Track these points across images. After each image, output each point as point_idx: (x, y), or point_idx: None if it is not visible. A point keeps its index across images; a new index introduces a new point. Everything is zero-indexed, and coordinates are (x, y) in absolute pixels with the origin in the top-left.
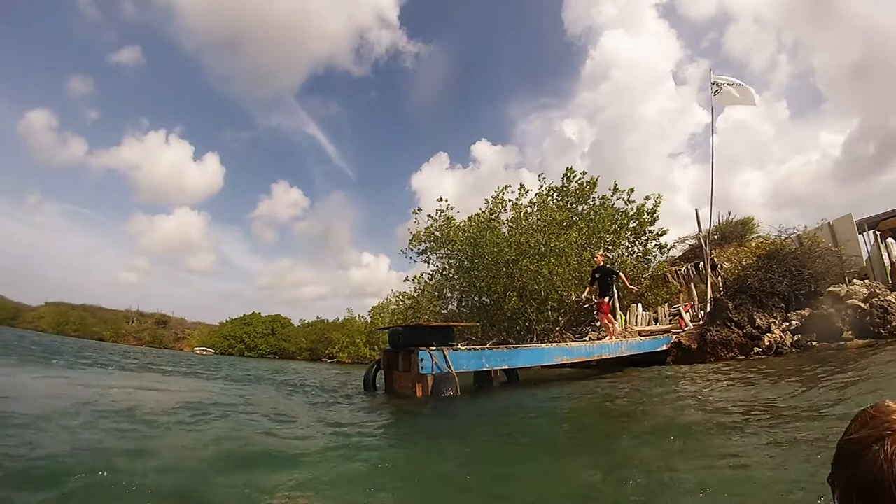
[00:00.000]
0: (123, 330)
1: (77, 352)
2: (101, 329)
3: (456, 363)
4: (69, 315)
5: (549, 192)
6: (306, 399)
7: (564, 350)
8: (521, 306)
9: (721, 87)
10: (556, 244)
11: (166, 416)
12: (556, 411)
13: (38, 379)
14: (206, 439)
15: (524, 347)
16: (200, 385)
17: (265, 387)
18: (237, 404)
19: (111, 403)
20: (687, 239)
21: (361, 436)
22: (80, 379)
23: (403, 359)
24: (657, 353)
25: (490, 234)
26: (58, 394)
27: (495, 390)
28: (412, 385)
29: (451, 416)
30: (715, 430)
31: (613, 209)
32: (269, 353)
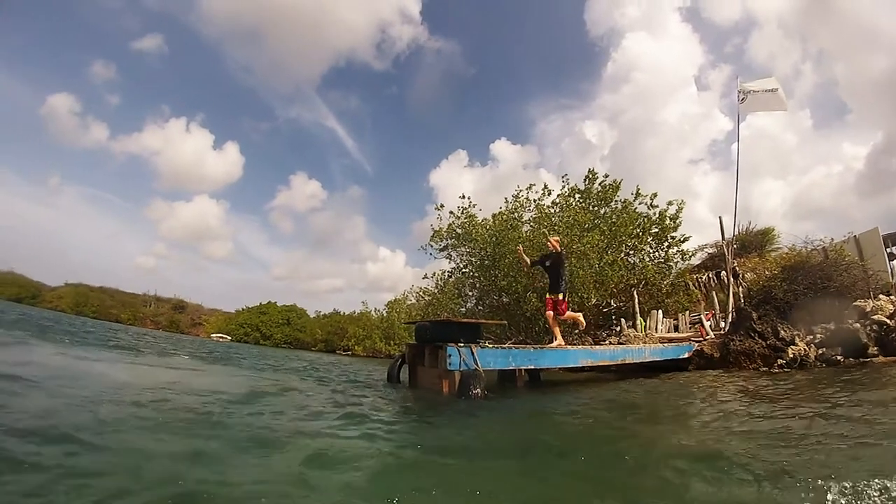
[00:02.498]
0: (141, 313)
1: (115, 335)
2: (119, 311)
3: (483, 361)
4: (88, 296)
5: (571, 193)
6: (337, 391)
7: (589, 353)
8: (541, 307)
9: (748, 95)
10: (578, 246)
11: (218, 406)
12: (592, 418)
13: (120, 365)
14: (259, 437)
15: (549, 348)
16: (239, 374)
17: (294, 376)
18: (276, 393)
19: (181, 395)
20: (706, 247)
21: (399, 434)
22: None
23: (430, 354)
24: (679, 360)
25: (512, 233)
26: (131, 381)
27: (520, 391)
28: (438, 381)
29: (484, 416)
30: (751, 460)
31: (636, 213)
32: (283, 342)
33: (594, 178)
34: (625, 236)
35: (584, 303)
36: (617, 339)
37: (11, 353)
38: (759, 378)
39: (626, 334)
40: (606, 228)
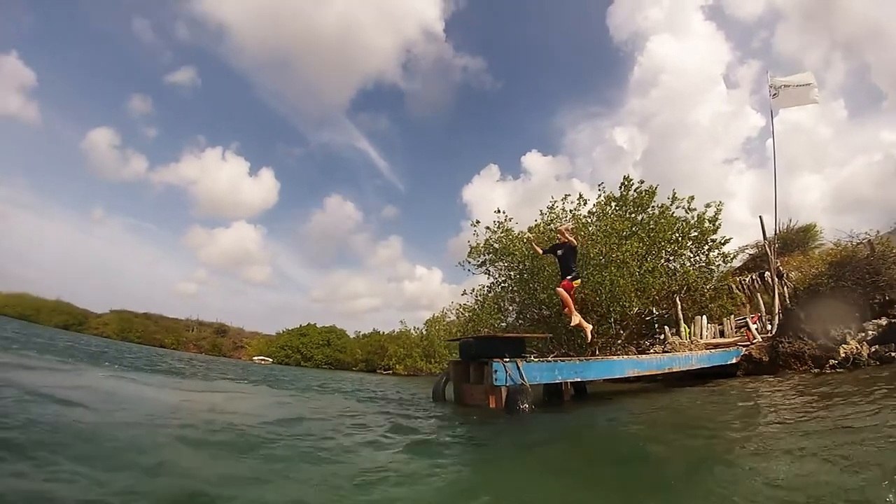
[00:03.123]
0: (184, 338)
1: (161, 360)
2: (163, 336)
3: (529, 375)
4: (133, 322)
5: (607, 201)
6: (385, 410)
7: (635, 362)
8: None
9: (779, 90)
10: (616, 255)
11: (279, 427)
12: (646, 429)
13: (170, 389)
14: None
15: (596, 359)
16: (287, 396)
17: (341, 397)
18: (327, 413)
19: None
20: (747, 248)
21: (450, 450)
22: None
23: (475, 370)
24: (727, 366)
25: (550, 245)
26: (186, 405)
27: (568, 404)
28: (485, 397)
29: (533, 432)
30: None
31: (673, 218)
32: (324, 363)
33: (629, 185)
34: (664, 242)
35: (626, 311)
36: (662, 348)
37: (66, 378)
38: (812, 380)
39: (670, 342)
40: (644, 235)
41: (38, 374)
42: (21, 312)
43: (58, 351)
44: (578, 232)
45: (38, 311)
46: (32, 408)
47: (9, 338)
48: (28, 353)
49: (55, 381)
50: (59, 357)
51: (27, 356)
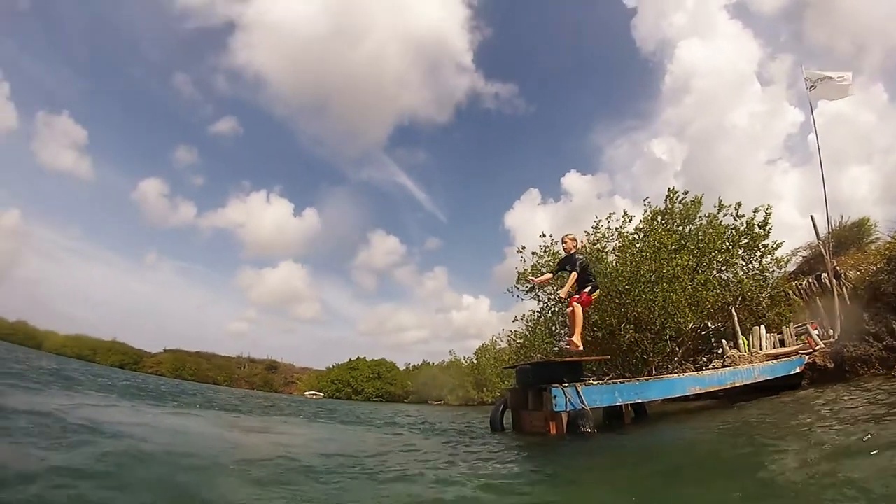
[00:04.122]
0: (236, 375)
1: (217, 396)
2: (216, 374)
3: (589, 398)
4: (186, 361)
5: (653, 215)
6: (444, 441)
7: (696, 379)
8: (637, 338)
9: (816, 82)
10: (667, 270)
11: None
12: (719, 447)
13: (230, 424)
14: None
15: (656, 379)
16: (343, 429)
17: (397, 429)
18: (385, 446)
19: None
20: (800, 250)
21: (525, 478)
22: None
23: (534, 397)
24: (791, 376)
25: (597, 265)
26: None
27: (630, 427)
28: (545, 423)
29: (606, 454)
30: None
31: (722, 227)
32: (375, 396)
33: (675, 197)
34: (714, 252)
35: (681, 327)
36: (721, 363)
37: (131, 415)
38: (886, 385)
39: (729, 356)
40: (694, 247)
41: (107, 412)
42: (78, 352)
43: (118, 389)
44: (626, 251)
45: (95, 351)
46: (106, 444)
47: (72, 377)
48: (91, 392)
49: (124, 418)
50: (122, 395)
51: (90, 394)
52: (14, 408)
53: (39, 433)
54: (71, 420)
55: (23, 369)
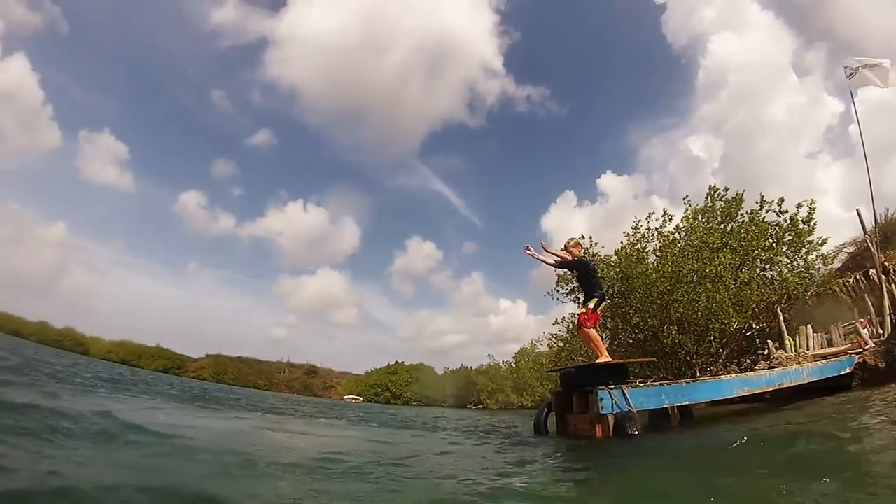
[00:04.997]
0: (276, 379)
1: (262, 401)
2: (256, 378)
3: (635, 401)
4: (227, 366)
5: (694, 214)
6: (489, 445)
7: (744, 381)
8: (681, 339)
9: (855, 70)
10: (710, 269)
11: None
12: (776, 450)
13: (276, 427)
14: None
15: (702, 381)
16: (386, 433)
17: (439, 433)
18: (440, 452)
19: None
20: (845, 246)
21: (571, 483)
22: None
23: (579, 400)
24: (840, 377)
25: (639, 266)
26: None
27: (678, 430)
28: (590, 426)
29: (657, 455)
30: None
31: (765, 223)
32: (414, 400)
33: (716, 195)
34: (758, 250)
35: (726, 328)
36: (767, 364)
37: (177, 418)
38: None
39: (776, 356)
40: (737, 245)
41: (155, 414)
42: (124, 358)
43: (165, 393)
44: (667, 251)
45: (140, 356)
46: (159, 444)
47: (119, 381)
48: (140, 395)
49: (175, 421)
50: (169, 399)
51: (138, 396)
52: (77, 410)
53: (97, 434)
54: (127, 421)
55: (70, 374)
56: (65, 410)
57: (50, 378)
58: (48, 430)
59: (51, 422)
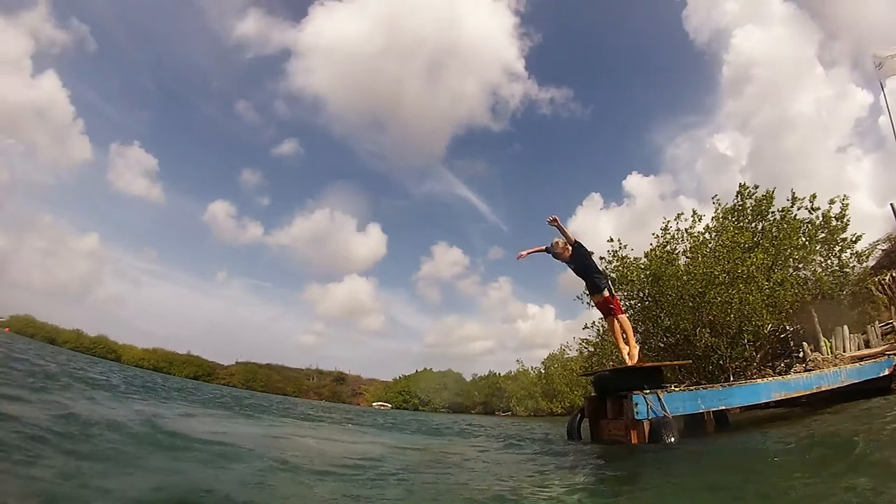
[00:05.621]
0: (305, 386)
1: (293, 407)
2: (285, 385)
3: (671, 406)
4: (256, 372)
5: (724, 214)
6: (526, 451)
7: (781, 384)
8: (714, 342)
9: (884, 59)
10: (742, 269)
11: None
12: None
13: (310, 434)
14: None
15: (739, 384)
16: (418, 440)
17: (475, 439)
18: (474, 458)
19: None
20: (878, 243)
21: (608, 491)
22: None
23: (613, 404)
24: (879, 379)
25: (669, 268)
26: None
27: (714, 435)
28: (625, 432)
29: (700, 461)
30: None
31: (797, 221)
32: (442, 407)
33: (746, 193)
34: (790, 249)
35: (760, 331)
36: (803, 366)
37: (212, 425)
38: None
39: (812, 359)
40: (768, 244)
41: (191, 421)
42: (155, 364)
43: (197, 400)
44: (697, 252)
45: (171, 363)
46: (202, 450)
47: (150, 388)
48: (178, 402)
49: (211, 428)
50: (204, 405)
51: (173, 404)
52: (116, 418)
53: (137, 440)
54: (166, 428)
55: (104, 381)
56: (106, 417)
57: (89, 386)
58: (83, 437)
59: (92, 430)
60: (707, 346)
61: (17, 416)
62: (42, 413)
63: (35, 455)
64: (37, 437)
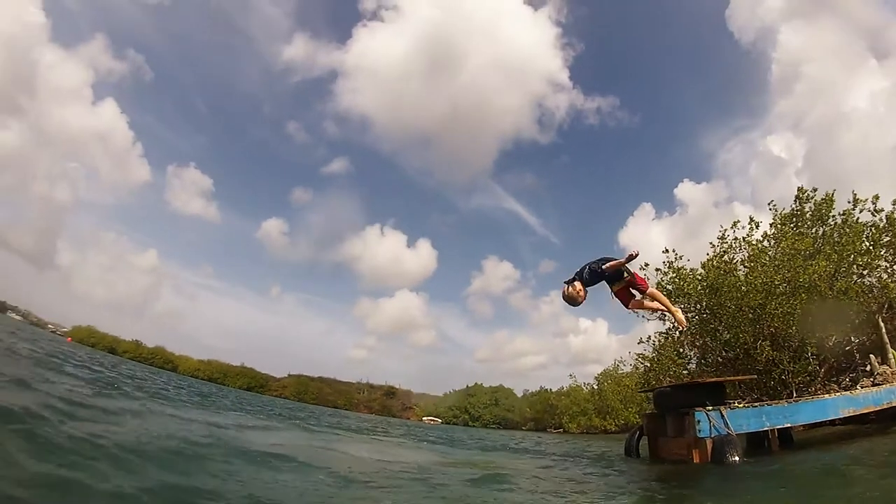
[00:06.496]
0: (355, 399)
1: (343, 420)
2: (336, 398)
3: (734, 423)
4: (308, 385)
5: (782, 220)
6: (583, 469)
7: (850, 400)
8: (776, 356)
9: None
10: (803, 278)
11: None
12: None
13: (363, 446)
14: None
15: (805, 400)
16: (473, 455)
17: (531, 456)
18: (536, 476)
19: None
20: None
21: None
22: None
23: (674, 422)
24: None
25: (728, 278)
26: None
27: (780, 454)
28: (687, 450)
29: (776, 487)
30: None
31: (860, 225)
32: (492, 423)
33: (805, 197)
34: (854, 254)
35: (824, 343)
36: (871, 381)
37: (268, 436)
38: None
39: (880, 372)
40: (830, 250)
41: (248, 433)
42: (210, 376)
43: (254, 411)
44: (757, 261)
45: (226, 374)
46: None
47: (220, 400)
48: (241, 413)
49: (271, 440)
50: (259, 416)
51: (228, 414)
52: (181, 431)
53: (203, 450)
54: (230, 438)
55: (168, 391)
56: (176, 426)
57: (152, 396)
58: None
59: (163, 442)
60: (768, 360)
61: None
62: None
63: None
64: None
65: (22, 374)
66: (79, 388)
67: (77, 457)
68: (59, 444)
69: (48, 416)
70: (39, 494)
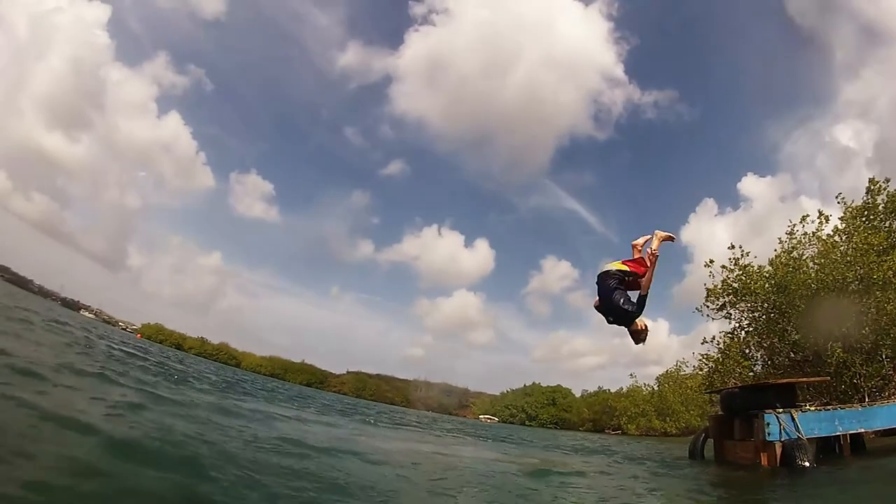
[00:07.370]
0: (412, 396)
1: (403, 417)
2: (393, 395)
3: (805, 427)
4: (366, 382)
5: (853, 213)
6: (656, 471)
7: None
8: (847, 358)
9: None
10: (877, 275)
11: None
12: None
13: (429, 442)
14: None
15: (882, 404)
16: (536, 453)
17: (595, 457)
18: (587, 473)
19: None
20: None
21: None
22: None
23: (741, 424)
24: None
25: (797, 276)
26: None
27: (854, 461)
28: (754, 454)
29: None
30: None
31: None
32: (550, 422)
33: (877, 189)
34: None
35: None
36: None
37: (332, 431)
38: None
39: None
40: None
41: (318, 427)
42: (272, 371)
43: (319, 406)
44: (827, 255)
45: (287, 370)
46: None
47: (280, 393)
48: (306, 408)
49: (340, 434)
50: (325, 412)
51: (293, 408)
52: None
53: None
54: (313, 435)
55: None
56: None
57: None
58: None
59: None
60: (839, 362)
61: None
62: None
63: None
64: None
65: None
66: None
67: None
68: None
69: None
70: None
